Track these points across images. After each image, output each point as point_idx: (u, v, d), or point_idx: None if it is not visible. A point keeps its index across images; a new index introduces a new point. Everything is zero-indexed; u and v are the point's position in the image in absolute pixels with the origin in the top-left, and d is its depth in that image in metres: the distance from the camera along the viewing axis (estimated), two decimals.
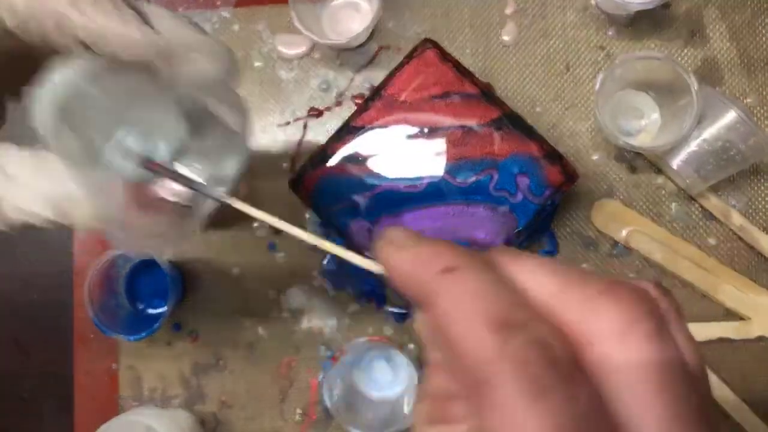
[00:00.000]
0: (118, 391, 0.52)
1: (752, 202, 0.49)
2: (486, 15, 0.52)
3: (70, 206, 0.25)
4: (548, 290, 0.16)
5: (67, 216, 0.25)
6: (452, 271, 0.16)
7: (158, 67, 0.25)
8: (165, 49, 0.25)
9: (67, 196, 0.24)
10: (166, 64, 0.25)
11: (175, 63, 0.25)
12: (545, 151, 0.44)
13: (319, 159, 0.46)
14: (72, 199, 0.24)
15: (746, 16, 0.50)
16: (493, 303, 0.15)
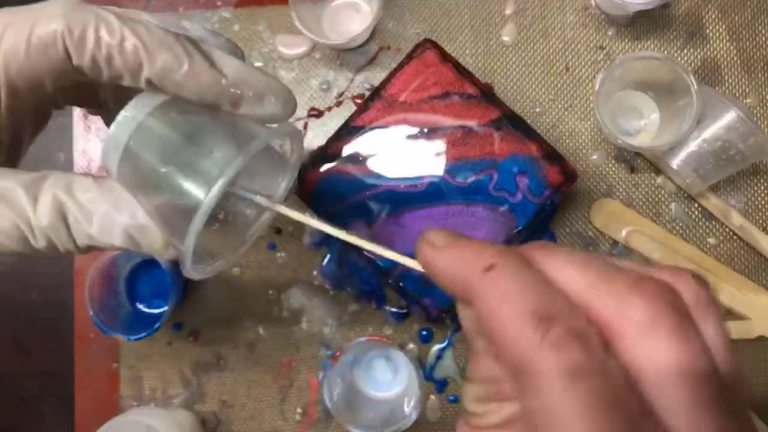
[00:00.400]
0: (118, 390, 0.52)
1: (752, 201, 0.49)
2: (486, 15, 0.52)
3: (141, 236, 0.26)
4: (581, 284, 0.17)
5: (137, 245, 0.26)
6: (492, 268, 0.17)
7: (225, 107, 0.26)
8: (232, 92, 0.26)
9: (138, 227, 0.25)
10: (233, 106, 0.26)
11: (242, 105, 0.26)
12: (545, 151, 0.44)
13: (320, 159, 0.46)
14: (144, 229, 0.25)
15: (746, 16, 0.50)
16: (532, 298, 0.16)
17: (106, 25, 0.25)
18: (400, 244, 0.45)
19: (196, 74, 0.25)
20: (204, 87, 0.25)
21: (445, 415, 0.50)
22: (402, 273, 0.45)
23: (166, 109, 0.26)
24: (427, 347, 0.50)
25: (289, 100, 0.28)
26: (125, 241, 0.26)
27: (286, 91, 0.28)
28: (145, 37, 0.25)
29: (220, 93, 0.26)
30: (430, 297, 0.45)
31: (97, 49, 0.24)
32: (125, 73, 0.25)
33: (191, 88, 0.25)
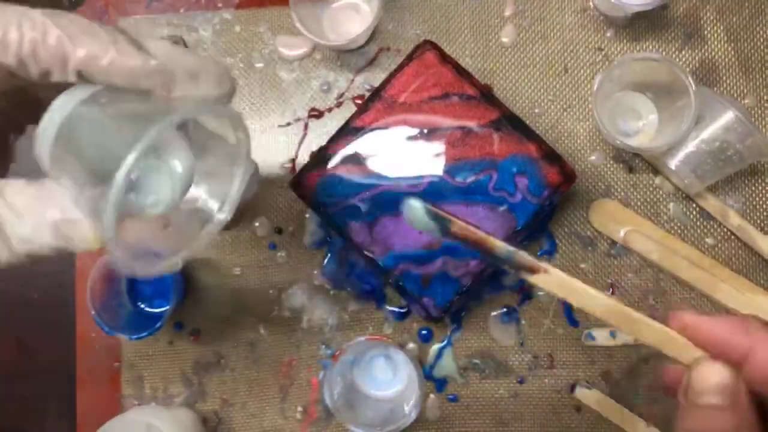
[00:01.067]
0: (119, 389, 0.53)
1: (750, 202, 0.49)
2: (485, 17, 0.52)
3: (71, 230, 0.25)
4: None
5: (68, 240, 0.25)
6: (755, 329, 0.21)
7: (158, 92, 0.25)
8: (164, 75, 0.25)
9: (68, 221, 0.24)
10: (166, 89, 0.26)
11: (175, 88, 0.26)
12: (544, 151, 0.44)
13: (320, 159, 0.46)
14: (73, 222, 0.24)
15: (744, 17, 0.51)
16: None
17: (29, 21, 0.24)
18: (400, 244, 0.45)
19: (123, 58, 0.24)
20: (132, 71, 0.25)
21: (444, 414, 0.50)
22: (402, 273, 0.45)
23: (96, 98, 0.25)
24: (426, 346, 0.51)
25: (224, 78, 0.27)
26: (56, 237, 0.25)
27: (221, 69, 0.27)
28: (68, 27, 0.25)
29: (150, 76, 0.25)
30: (430, 296, 0.45)
31: (21, 45, 0.24)
32: (53, 67, 0.24)
33: (119, 74, 0.25)
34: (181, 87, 0.26)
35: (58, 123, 0.24)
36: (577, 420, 0.49)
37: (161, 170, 0.28)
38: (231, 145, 0.29)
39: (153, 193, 0.27)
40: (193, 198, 0.29)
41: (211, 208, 0.30)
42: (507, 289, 0.50)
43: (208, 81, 0.27)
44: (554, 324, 0.50)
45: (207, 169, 0.29)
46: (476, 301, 0.50)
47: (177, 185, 0.28)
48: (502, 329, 0.50)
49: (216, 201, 0.29)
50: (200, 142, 0.29)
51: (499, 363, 0.50)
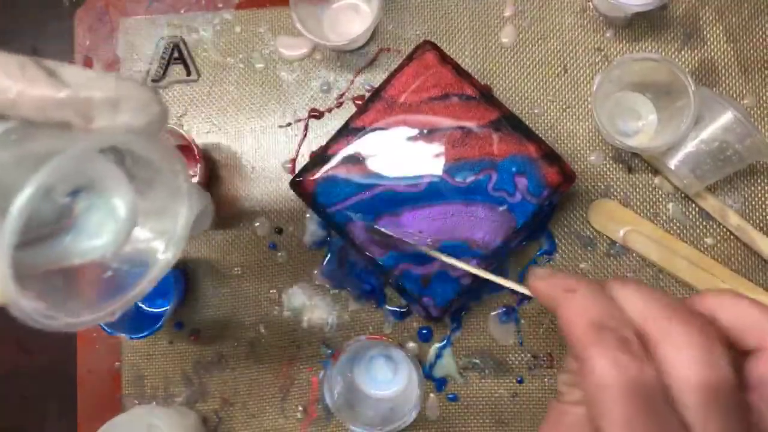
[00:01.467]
0: (120, 389, 0.53)
1: (749, 202, 0.50)
2: (485, 17, 0.52)
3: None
4: (638, 308, 0.23)
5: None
6: (571, 291, 0.24)
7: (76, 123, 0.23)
8: (79, 104, 0.23)
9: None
10: (84, 120, 0.23)
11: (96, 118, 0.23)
12: (543, 151, 0.45)
13: (320, 159, 0.46)
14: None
15: (743, 17, 0.51)
16: (595, 312, 0.23)
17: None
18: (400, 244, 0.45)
19: (31, 89, 0.22)
20: (43, 102, 0.22)
21: (444, 413, 0.50)
22: (402, 273, 0.45)
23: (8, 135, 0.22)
24: (426, 346, 0.51)
25: (149, 105, 0.24)
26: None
27: (146, 94, 0.24)
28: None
29: (64, 106, 0.22)
30: (430, 296, 0.45)
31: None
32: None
33: (30, 107, 0.22)
34: (102, 116, 0.23)
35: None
36: None
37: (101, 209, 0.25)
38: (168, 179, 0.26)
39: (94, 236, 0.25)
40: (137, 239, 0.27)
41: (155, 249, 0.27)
42: (506, 289, 0.50)
43: (131, 108, 0.24)
44: (554, 323, 0.50)
45: (154, 206, 0.27)
46: (476, 301, 0.50)
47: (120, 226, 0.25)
48: (502, 329, 0.50)
49: (161, 241, 0.26)
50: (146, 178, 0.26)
51: (498, 362, 0.50)
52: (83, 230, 0.25)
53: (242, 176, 0.53)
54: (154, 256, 0.26)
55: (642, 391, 0.20)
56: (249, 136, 0.53)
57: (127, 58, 0.54)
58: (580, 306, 0.23)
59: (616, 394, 0.20)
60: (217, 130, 0.54)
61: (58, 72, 0.23)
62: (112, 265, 0.26)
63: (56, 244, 0.24)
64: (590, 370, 0.21)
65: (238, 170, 0.53)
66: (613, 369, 0.21)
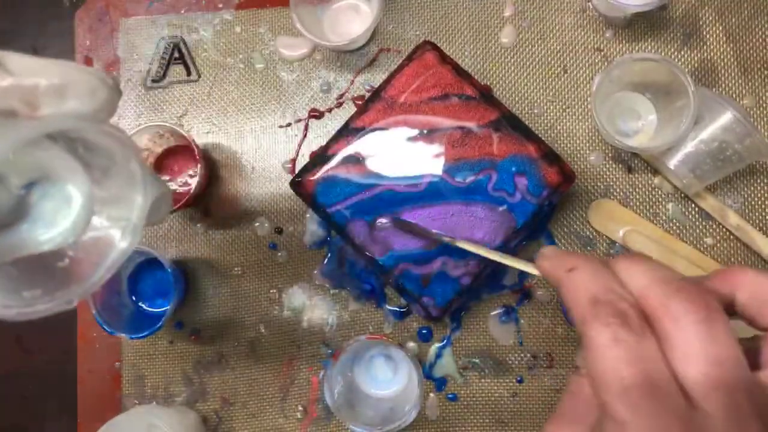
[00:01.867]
0: (120, 389, 0.53)
1: (748, 201, 0.50)
2: (485, 18, 0.52)
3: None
4: (642, 284, 0.23)
5: None
6: (572, 269, 0.24)
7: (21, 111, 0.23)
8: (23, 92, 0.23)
9: None
10: (30, 107, 0.23)
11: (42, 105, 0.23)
12: (543, 151, 0.45)
13: (320, 159, 0.46)
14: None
15: (742, 17, 0.51)
16: (595, 287, 0.23)
17: None
18: (399, 243, 0.45)
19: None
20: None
21: (444, 413, 0.50)
22: (402, 273, 0.45)
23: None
24: (426, 346, 0.51)
25: (97, 90, 0.24)
26: None
27: (93, 79, 0.24)
28: None
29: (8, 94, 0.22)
30: (430, 296, 0.45)
31: None
32: None
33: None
34: (48, 104, 0.23)
35: None
36: None
37: (56, 199, 0.25)
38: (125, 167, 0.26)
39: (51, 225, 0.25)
40: (94, 227, 0.27)
41: (112, 237, 0.26)
42: (506, 288, 0.50)
43: (78, 94, 0.23)
44: (553, 323, 0.50)
45: (110, 194, 0.27)
46: (476, 301, 0.50)
47: (76, 215, 0.25)
48: (502, 329, 0.50)
49: (118, 229, 0.26)
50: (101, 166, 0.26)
51: (498, 362, 0.50)
52: (39, 220, 0.25)
53: (242, 176, 0.53)
54: (111, 244, 0.26)
55: (641, 364, 0.20)
56: (249, 136, 0.53)
57: (128, 59, 0.54)
58: (579, 282, 0.24)
59: (614, 367, 0.21)
60: (217, 130, 0.54)
61: (3, 61, 0.22)
62: (69, 254, 0.26)
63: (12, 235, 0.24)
64: (588, 344, 0.22)
65: (238, 170, 0.53)
66: (610, 342, 0.21)
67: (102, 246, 0.26)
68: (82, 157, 0.26)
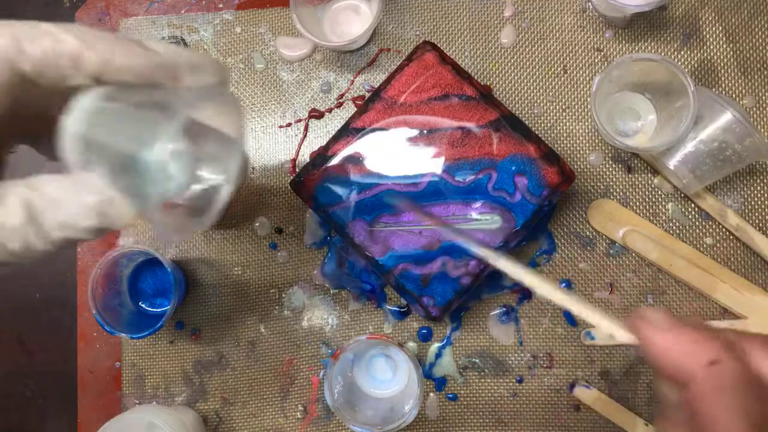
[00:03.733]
0: (120, 388, 0.53)
1: (748, 202, 0.50)
2: (484, 18, 0.52)
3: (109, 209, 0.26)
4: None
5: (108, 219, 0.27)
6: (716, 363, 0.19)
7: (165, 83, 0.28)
8: (169, 67, 0.28)
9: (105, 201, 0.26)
10: (173, 80, 0.28)
11: (181, 78, 0.28)
12: (543, 151, 0.45)
13: (320, 160, 0.46)
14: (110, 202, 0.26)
15: (742, 17, 0.51)
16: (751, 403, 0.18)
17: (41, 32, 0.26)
18: (399, 243, 0.45)
19: (133, 57, 0.27)
20: (142, 68, 0.27)
21: (444, 412, 0.50)
22: (402, 273, 0.45)
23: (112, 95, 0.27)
24: (426, 345, 0.51)
25: (222, 69, 0.30)
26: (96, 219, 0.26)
27: (216, 62, 0.31)
28: (81, 34, 0.27)
29: (158, 70, 0.28)
30: (430, 296, 0.45)
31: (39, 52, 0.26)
32: (69, 71, 0.26)
33: (131, 72, 0.27)
34: (187, 77, 0.29)
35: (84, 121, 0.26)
36: (575, 419, 0.49)
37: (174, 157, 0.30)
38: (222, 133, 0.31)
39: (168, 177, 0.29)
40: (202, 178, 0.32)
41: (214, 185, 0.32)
42: (506, 288, 0.50)
43: (208, 70, 0.29)
44: (553, 323, 0.50)
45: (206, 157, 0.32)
46: (475, 301, 0.50)
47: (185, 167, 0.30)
48: (502, 329, 0.50)
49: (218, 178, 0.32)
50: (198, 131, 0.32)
51: (498, 362, 0.50)
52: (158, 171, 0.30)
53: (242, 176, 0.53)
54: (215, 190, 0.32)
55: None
56: (249, 136, 0.53)
57: None
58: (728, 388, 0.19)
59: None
60: None
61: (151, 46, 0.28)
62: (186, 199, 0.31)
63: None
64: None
65: None
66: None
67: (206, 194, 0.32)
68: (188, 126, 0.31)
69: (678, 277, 0.49)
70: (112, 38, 0.27)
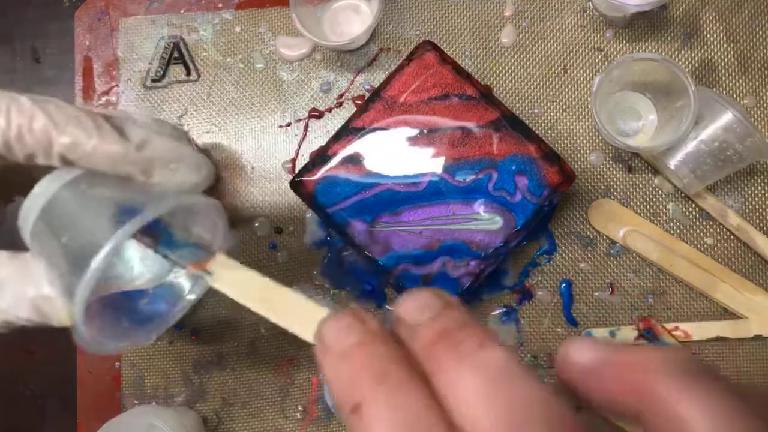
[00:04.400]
0: (120, 389, 0.53)
1: (749, 202, 0.50)
2: (485, 17, 0.52)
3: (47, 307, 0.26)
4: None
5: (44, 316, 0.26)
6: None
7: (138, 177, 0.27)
8: (143, 162, 0.27)
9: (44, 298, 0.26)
10: (145, 175, 0.27)
11: (154, 174, 0.27)
12: (543, 151, 0.45)
13: (320, 159, 0.46)
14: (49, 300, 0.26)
15: (743, 17, 0.51)
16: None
17: (16, 107, 0.25)
18: (399, 243, 0.45)
19: (105, 145, 0.26)
20: (113, 157, 0.26)
21: None
22: (402, 273, 0.45)
23: (77, 182, 0.26)
24: None
25: (200, 167, 0.29)
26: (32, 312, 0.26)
27: (198, 157, 0.29)
28: (54, 114, 0.25)
29: (131, 162, 0.26)
30: None
31: (8, 130, 0.25)
32: (37, 151, 0.26)
33: (101, 160, 0.26)
34: (160, 173, 0.27)
35: (41, 205, 0.25)
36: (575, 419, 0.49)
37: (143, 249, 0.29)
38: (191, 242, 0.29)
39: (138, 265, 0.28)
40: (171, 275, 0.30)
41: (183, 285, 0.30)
42: (506, 289, 0.50)
43: (186, 168, 0.28)
44: (553, 323, 0.50)
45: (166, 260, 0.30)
46: (476, 301, 0.50)
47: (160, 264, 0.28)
48: (502, 329, 0.50)
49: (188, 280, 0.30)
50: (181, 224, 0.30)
51: None
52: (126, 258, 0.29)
53: (242, 176, 0.53)
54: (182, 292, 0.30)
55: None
56: (249, 136, 0.53)
57: (127, 58, 0.54)
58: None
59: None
60: (217, 131, 0.54)
61: (127, 131, 0.26)
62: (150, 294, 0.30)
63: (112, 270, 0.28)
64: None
65: (238, 170, 0.53)
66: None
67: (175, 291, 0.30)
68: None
69: (678, 277, 0.49)
70: (88, 123, 0.26)
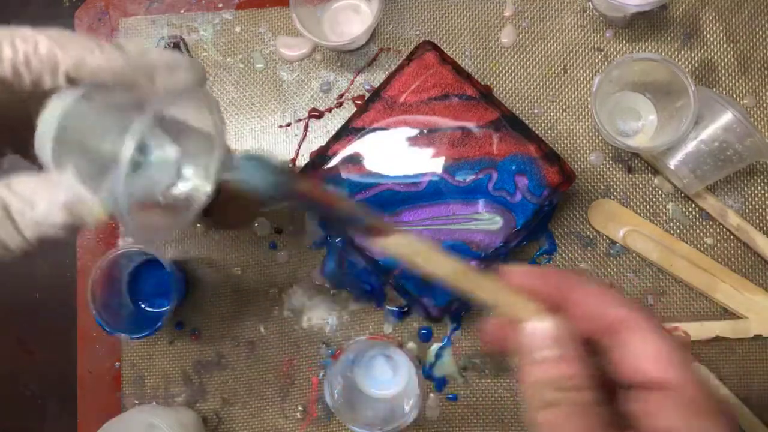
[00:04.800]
0: (120, 389, 0.53)
1: (749, 201, 0.50)
2: (485, 18, 0.52)
3: (80, 208, 0.27)
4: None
5: (80, 215, 0.27)
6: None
7: (141, 83, 0.29)
8: (144, 67, 0.29)
9: (77, 200, 0.27)
10: (149, 80, 0.29)
11: (157, 78, 0.29)
12: (543, 151, 0.45)
13: (320, 159, 0.46)
14: (82, 200, 0.27)
15: (743, 17, 0.51)
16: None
17: (19, 36, 0.27)
18: None
19: (108, 58, 0.28)
20: (117, 67, 0.28)
21: (444, 413, 0.50)
22: (402, 273, 0.45)
23: (87, 95, 0.28)
24: (426, 346, 0.51)
25: (198, 68, 0.31)
26: (67, 216, 0.27)
27: (191, 61, 0.31)
28: (56, 37, 0.27)
29: (134, 69, 0.28)
30: (430, 296, 0.45)
31: (15, 56, 0.27)
32: (45, 72, 0.27)
33: (106, 72, 0.28)
34: (161, 76, 0.29)
35: (57, 120, 0.26)
36: None
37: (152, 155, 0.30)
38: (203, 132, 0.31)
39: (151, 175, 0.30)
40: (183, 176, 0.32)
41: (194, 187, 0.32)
42: None
43: (184, 70, 0.30)
44: None
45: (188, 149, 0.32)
46: None
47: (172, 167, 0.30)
48: None
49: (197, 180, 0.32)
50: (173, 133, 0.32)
51: (498, 362, 0.50)
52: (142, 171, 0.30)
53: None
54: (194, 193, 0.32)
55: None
56: (249, 136, 0.53)
57: None
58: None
59: None
60: None
61: (126, 47, 0.29)
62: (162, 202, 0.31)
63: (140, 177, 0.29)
64: None
65: None
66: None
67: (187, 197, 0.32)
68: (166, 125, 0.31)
69: (678, 277, 0.49)
70: (85, 40, 0.28)
